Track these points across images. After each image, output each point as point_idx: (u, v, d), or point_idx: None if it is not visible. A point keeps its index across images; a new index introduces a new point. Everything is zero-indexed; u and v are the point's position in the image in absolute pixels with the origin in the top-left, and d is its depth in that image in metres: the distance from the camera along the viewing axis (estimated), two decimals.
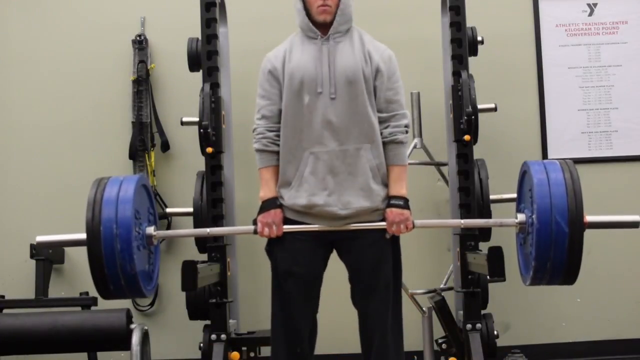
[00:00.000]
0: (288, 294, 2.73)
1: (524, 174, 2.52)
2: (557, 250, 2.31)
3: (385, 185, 2.72)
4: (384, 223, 2.66)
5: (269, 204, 2.69)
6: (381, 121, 2.72)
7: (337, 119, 2.65)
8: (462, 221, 2.88)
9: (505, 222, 2.55)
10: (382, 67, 2.72)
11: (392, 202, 2.67)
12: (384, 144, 2.71)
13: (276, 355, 2.77)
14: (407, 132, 2.76)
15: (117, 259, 2.32)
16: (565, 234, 2.31)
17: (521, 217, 2.48)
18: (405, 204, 2.67)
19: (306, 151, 2.66)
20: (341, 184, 2.66)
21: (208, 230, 2.81)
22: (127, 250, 2.33)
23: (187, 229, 2.89)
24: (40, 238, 2.54)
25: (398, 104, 2.75)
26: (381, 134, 2.70)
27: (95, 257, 2.34)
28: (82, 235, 2.38)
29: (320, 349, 2.99)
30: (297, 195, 2.68)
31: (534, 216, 2.35)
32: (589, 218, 2.37)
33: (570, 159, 4.15)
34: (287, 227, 2.67)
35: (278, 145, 2.72)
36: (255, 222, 2.69)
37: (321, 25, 2.71)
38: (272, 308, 2.79)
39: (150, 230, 2.52)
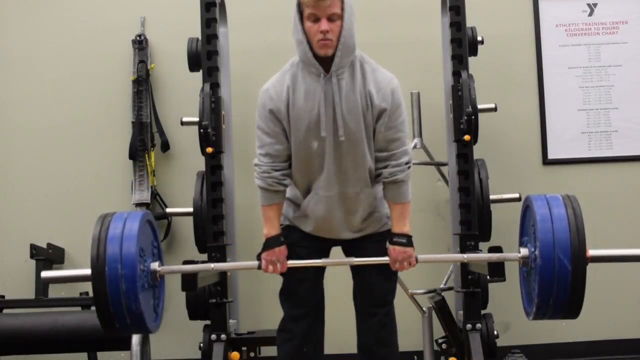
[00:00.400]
0: (293, 288, 2.76)
1: (526, 208, 2.53)
2: (559, 288, 2.33)
3: (380, 209, 2.73)
4: (386, 258, 2.65)
5: (273, 242, 2.65)
6: (381, 160, 2.62)
7: (340, 165, 2.61)
8: (465, 256, 2.88)
9: (509, 257, 2.56)
10: (384, 107, 2.57)
11: (395, 239, 2.62)
12: (385, 183, 2.64)
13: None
14: (408, 168, 2.62)
15: (123, 298, 2.32)
16: (568, 271, 2.32)
17: (524, 251, 2.49)
18: (409, 242, 2.63)
19: (312, 192, 2.68)
20: (341, 222, 2.71)
21: (212, 265, 2.81)
22: (132, 290, 2.33)
23: (191, 265, 2.89)
24: (45, 274, 2.54)
25: (399, 142, 2.61)
26: (381, 173, 2.63)
27: (101, 297, 2.33)
28: (87, 271, 2.37)
29: None
30: (303, 222, 2.74)
31: (536, 252, 2.37)
32: (591, 252, 2.38)
33: (570, 159, 4.20)
34: (291, 263, 2.67)
35: (284, 184, 2.65)
36: (259, 258, 2.68)
37: (323, 59, 2.53)
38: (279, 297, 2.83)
39: (155, 266, 2.53)
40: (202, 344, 3.52)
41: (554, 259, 2.32)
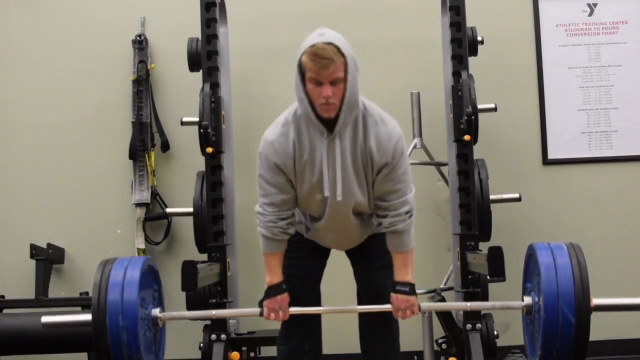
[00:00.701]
0: (291, 287, 2.76)
1: (529, 256, 2.53)
2: (563, 340, 2.34)
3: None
4: (389, 306, 2.64)
5: (275, 290, 2.65)
6: (381, 208, 2.59)
7: (341, 216, 2.62)
8: (468, 304, 2.88)
9: (512, 305, 2.57)
10: (385, 162, 2.51)
11: (398, 288, 2.60)
12: (386, 233, 2.62)
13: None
14: (409, 217, 2.56)
15: (124, 349, 2.33)
16: (571, 324, 2.34)
17: (528, 300, 2.49)
18: (411, 290, 2.61)
19: (312, 230, 2.72)
20: (344, 247, 2.81)
21: (214, 312, 2.81)
22: (133, 342, 2.34)
23: (193, 312, 2.89)
24: (45, 319, 2.52)
25: (399, 193, 2.55)
26: (381, 222, 2.60)
27: (102, 346, 2.34)
28: (88, 317, 2.37)
29: None
30: (302, 229, 2.76)
31: (540, 302, 2.38)
32: (595, 302, 2.38)
33: (570, 159, 4.20)
34: (293, 310, 2.67)
35: (288, 233, 2.63)
36: (261, 305, 2.69)
37: (326, 119, 2.45)
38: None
39: (156, 312, 2.52)
40: (202, 344, 3.52)
41: (557, 311, 2.33)
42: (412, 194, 2.59)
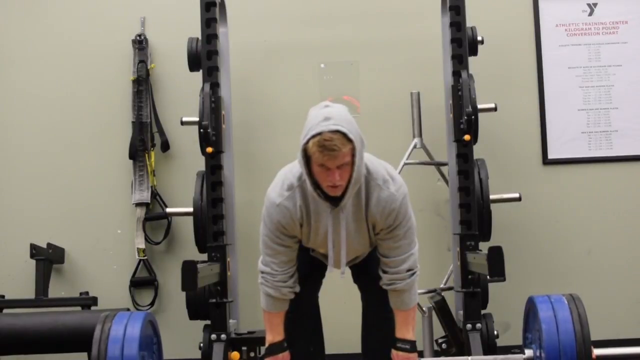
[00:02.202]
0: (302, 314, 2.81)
1: (529, 309, 2.54)
2: None
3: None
4: None
5: (276, 348, 2.68)
6: (382, 263, 2.60)
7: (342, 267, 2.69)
8: (470, 358, 2.90)
9: (513, 359, 2.57)
10: (387, 226, 2.53)
11: (399, 345, 2.62)
12: (386, 290, 2.63)
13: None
14: (411, 275, 2.57)
15: None
16: None
17: (529, 353, 2.52)
18: (412, 348, 2.62)
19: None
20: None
21: None
22: None
23: None
24: None
25: (400, 250, 2.56)
26: (382, 278, 2.61)
27: None
28: None
29: None
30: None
31: (542, 356, 2.40)
32: (597, 352, 2.39)
33: (570, 158, 4.20)
34: None
35: (295, 292, 2.66)
36: None
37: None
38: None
39: None
40: (202, 344, 3.52)
41: None
42: (415, 252, 2.57)
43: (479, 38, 3.78)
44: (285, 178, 2.55)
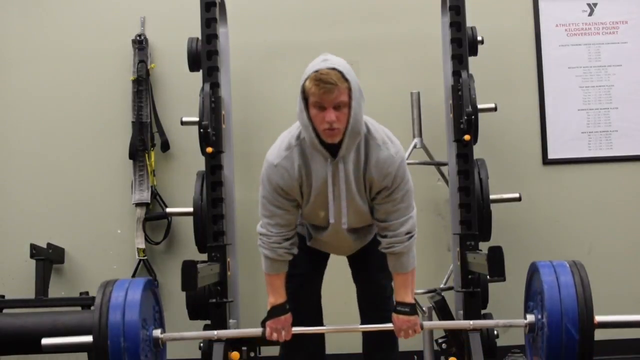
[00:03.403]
0: (292, 291, 2.76)
1: (532, 275, 2.53)
2: (567, 356, 2.34)
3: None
4: (391, 325, 2.65)
5: (278, 311, 2.65)
6: (380, 228, 2.60)
7: (347, 241, 2.68)
8: (471, 322, 2.88)
9: (515, 323, 2.58)
10: (384, 186, 2.52)
11: (399, 308, 2.62)
12: (386, 253, 2.63)
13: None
14: (409, 238, 2.56)
15: None
16: (575, 341, 2.34)
17: (531, 318, 2.50)
18: (412, 310, 2.62)
19: (314, 238, 2.74)
20: (345, 254, 2.83)
21: (215, 332, 2.80)
22: None
23: (194, 332, 2.87)
24: (45, 341, 2.50)
25: (398, 213, 2.55)
26: (380, 242, 2.61)
27: None
28: (89, 338, 2.36)
29: None
30: (303, 230, 2.78)
31: (544, 320, 2.38)
32: (598, 318, 2.38)
33: (570, 158, 4.20)
34: (296, 329, 2.67)
35: (292, 254, 2.64)
36: (263, 325, 2.68)
37: (329, 144, 2.45)
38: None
39: (157, 333, 2.52)
40: (202, 344, 3.52)
41: (561, 328, 2.34)
42: (414, 215, 2.57)
43: (479, 38, 3.78)
44: (283, 139, 2.56)
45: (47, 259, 3.94)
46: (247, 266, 3.96)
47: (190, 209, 3.66)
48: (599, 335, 4.14)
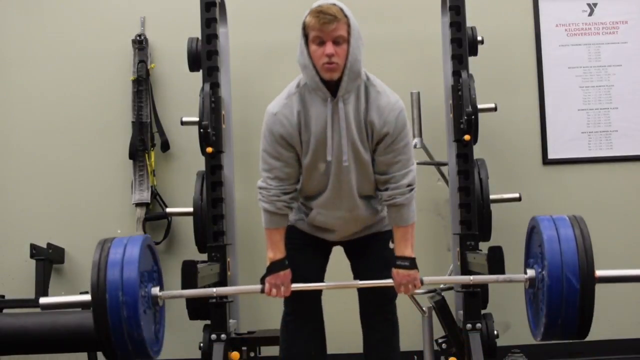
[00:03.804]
0: (296, 299, 2.75)
1: (532, 229, 2.52)
2: (568, 307, 2.32)
3: (382, 214, 2.74)
4: (390, 281, 2.65)
5: (277, 266, 2.63)
6: (381, 182, 2.61)
7: (348, 189, 2.62)
8: (471, 278, 2.87)
9: (515, 278, 2.55)
10: (385, 133, 2.54)
11: (399, 262, 2.61)
12: (386, 206, 2.63)
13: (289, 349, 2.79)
14: (410, 191, 2.57)
15: (124, 326, 2.29)
16: (576, 291, 2.32)
17: (531, 272, 2.48)
18: (412, 265, 2.61)
19: (314, 210, 2.69)
20: (346, 231, 2.75)
21: (214, 290, 2.79)
22: (133, 317, 2.30)
23: (193, 290, 2.85)
24: (44, 300, 2.50)
25: (399, 165, 2.57)
26: (381, 196, 2.61)
27: (102, 325, 2.30)
28: (87, 297, 2.36)
29: None
30: (303, 226, 2.76)
31: (544, 272, 2.36)
32: (599, 273, 2.37)
33: (570, 158, 4.20)
34: (296, 286, 2.66)
35: (291, 208, 2.65)
36: (262, 282, 2.68)
37: (329, 82, 2.49)
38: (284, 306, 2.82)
39: (156, 291, 2.50)
40: (202, 344, 3.52)
41: (562, 279, 2.31)
42: (414, 169, 2.60)
43: (479, 38, 3.78)
44: (284, 91, 2.62)
45: (47, 259, 3.94)
46: (247, 266, 3.96)
47: (190, 209, 3.66)
48: (599, 335, 4.15)
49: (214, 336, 3.45)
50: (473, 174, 3.58)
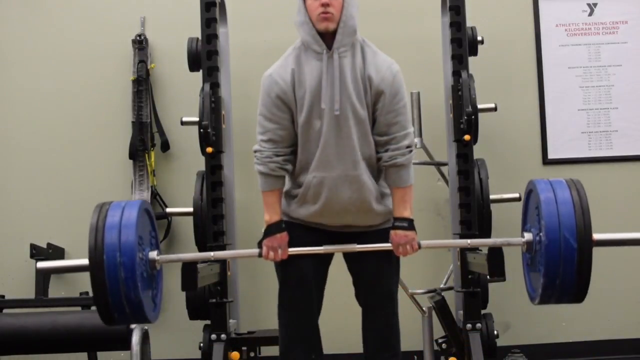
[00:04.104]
0: (299, 303, 2.73)
1: (529, 193, 2.52)
2: (566, 267, 2.30)
3: (386, 203, 2.72)
4: (389, 245, 2.65)
5: (274, 228, 2.64)
6: (381, 144, 2.64)
7: (344, 143, 2.61)
8: (469, 241, 2.86)
9: (512, 242, 2.55)
10: (383, 90, 2.61)
11: (397, 224, 2.63)
12: (385, 167, 2.65)
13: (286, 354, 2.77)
14: (410, 152, 2.63)
15: (121, 287, 2.28)
16: (574, 249, 2.30)
17: (528, 236, 2.48)
18: (410, 226, 2.62)
19: (310, 174, 2.65)
20: (346, 208, 2.67)
21: (212, 254, 2.78)
22: (131, 279, 2.30)
23: (190, 253, 2.86)
24: (41, 264, 2.51)
25: (399, 125, 2.63)
26: (381, 157, 2.64)
27: (99, 286, 2.29)
28: (85, 261, 2.35)
29: None
30: (298, 211, 2.73)
31: (541, 234, 2.35)
32: (596, 236, 2.37)
33: (570, 158, 4.20)
34: (293, 250, 2.66)
35: (285, 169, 2.66)
36: (260, 245, 2.68)
37: (325, 36, 2.60)
38: (282, 318, 2.78)
39: (154, 255, 2.50)
40: (202, 344, 3.52)
41: (559, 238, 2.30)
42: (412, 132, 2.67)
43: (479, 38, 3.78)
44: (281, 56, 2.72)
45: (47, 259, 3.93)
46: (247, 266, 3.97)
47: (190, 209, 3.66)
48: (599, 335, 4.15)
49: (214, 336, 3.45)
50: (473, 174, 3.58)
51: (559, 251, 2.30)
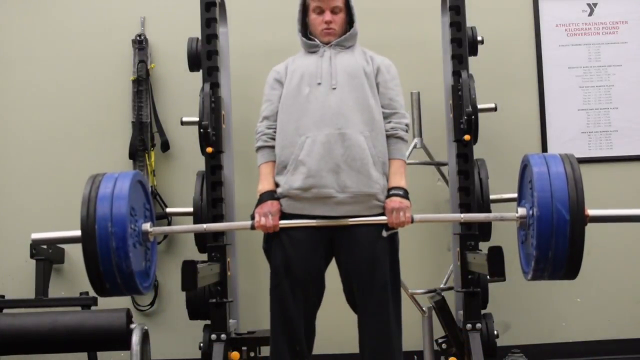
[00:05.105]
0: (284, 293, 2.73)
1: (524, 168, 2.52)
2: (558, 239, 2.30)
3: (385, 174, 2.75)
4: (384, 218, 2.66)
5: (266, 196, 2.76)
6: (385, 116, 2.84)
7: (337, 105, 2.73)
8: (462, 215, 2.89)
9: (506, 217, 2.56)
10: (383, 69, 2.88)
11: (392, 192, 2.74)
12: (386, 137, 2.81)
13: (276, 353, 2.77)
14: (407, 131, 2.88)
15: (113, 256, 2.30)
16: (566, 221, 2.30)
17: (522, 211, 2.48)
18: (405, 194, 2.74)
19: (302, 136, 2.73)
20: (339, 165, 2.70)
21: (205, 226, 2.80)
22: (122, 248, 2.31)
23: (183, 225, 2.87)
24: (35, 235, 2.52)
25: (399, 104, 2.89)
26: (385, 126, 2.83)
27: (91, 255, 2.32)
28: (78, 233, 2.37)
29: (319, 348, 3.00)
30: (292, 179, 2.73)
31: (534, 208, 2.34)
32: (591, 212, 2.37)
33: None
34: (284, 223, 2.67)
35: (273, 137, 2.85)
36: (252, 217, 2.70)
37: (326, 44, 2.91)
38: (270, 307, 2.79)
39: (147, 226, 2.51)
40: (202, 344, 3.52)
41: (552, 211, 2.30)
42: (408, 120, 2.92)
43: (479, 38, 3.78)
44: None
45: (47, 259, 3.94)
46: (247, 266, 3.97)
47: (190, 209, 3.66)
48: (599, 335, 4.15)
49: (214, 336, 3.45)
50: (473, 174, 3.58)
51: (552, 223, 2.30)
